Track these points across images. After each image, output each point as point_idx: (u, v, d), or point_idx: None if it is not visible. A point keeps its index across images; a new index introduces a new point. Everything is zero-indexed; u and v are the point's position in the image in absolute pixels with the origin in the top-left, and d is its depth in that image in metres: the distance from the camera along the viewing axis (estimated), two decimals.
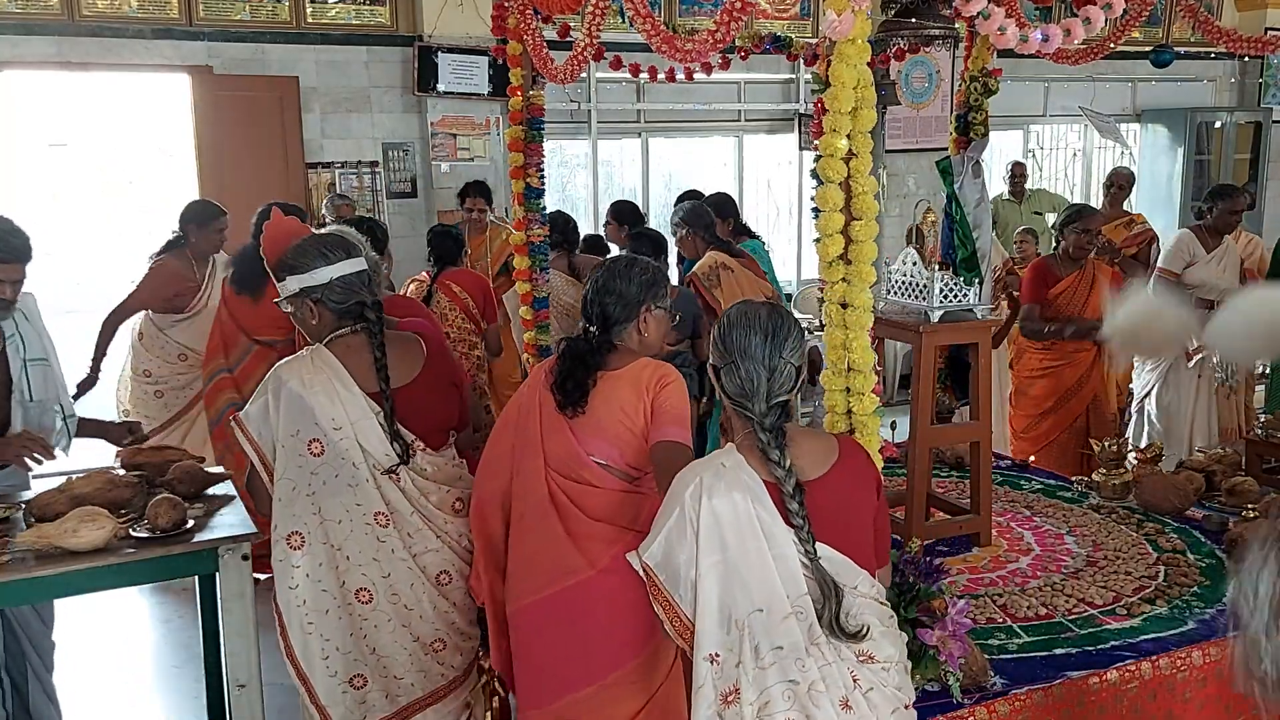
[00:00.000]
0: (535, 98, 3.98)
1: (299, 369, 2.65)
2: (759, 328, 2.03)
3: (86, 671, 4.21)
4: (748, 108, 8.35)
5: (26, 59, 6.28)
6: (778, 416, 2.01)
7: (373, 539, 2.66)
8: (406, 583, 2.70)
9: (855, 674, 1.95)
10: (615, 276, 2.55)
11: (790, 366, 2.04)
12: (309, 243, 2.75)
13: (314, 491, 2.62)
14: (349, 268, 2.71)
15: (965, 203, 3.61)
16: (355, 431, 2.62)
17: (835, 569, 1.96)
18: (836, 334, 2.27)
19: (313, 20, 6.88)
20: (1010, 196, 8.16)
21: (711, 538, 1.94)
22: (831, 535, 1.99)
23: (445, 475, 2.77)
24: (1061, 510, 3.60)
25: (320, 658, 2.68)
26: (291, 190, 6.81)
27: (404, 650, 2.72)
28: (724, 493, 1.95)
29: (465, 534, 2.75)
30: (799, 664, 1.91)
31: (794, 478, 1.96)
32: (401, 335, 2.82)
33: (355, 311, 2.71)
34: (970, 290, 3.13)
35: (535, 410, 2.57)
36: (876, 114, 2.23)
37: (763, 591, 1.93)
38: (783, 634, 1.92)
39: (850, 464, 2.10)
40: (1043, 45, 2.42)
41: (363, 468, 2.63)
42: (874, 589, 2.04)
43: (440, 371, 2.82)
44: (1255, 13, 9.56)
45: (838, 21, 2.08)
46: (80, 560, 2.73)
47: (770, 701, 1.91)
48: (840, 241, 2.23)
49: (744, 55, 3.45)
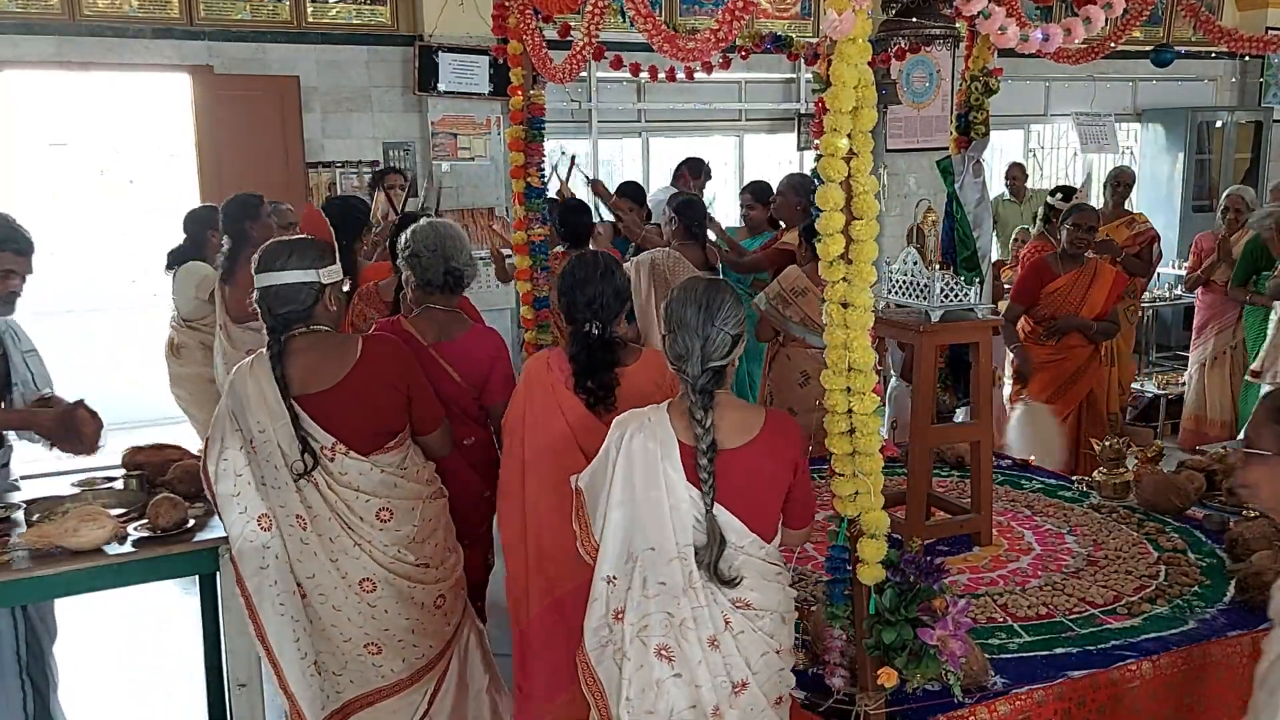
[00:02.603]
0: (536, 97, 3.97)
1: (242, 371, 2.78)
2: (695, 300, 2.24)
3: (87, 671, 4.22)
4: (748, 107, 8.35)
5: (27, 59, 6.28)
6: (709, 380, 2.21)
7: (296, 540, 2.73)
8: (330, 585, 2.75)
9: (728, 617, 2.22)
10: (599, 276, 2.76)
11: (725, 335, 2.23)
12: (267, 247, 2.80)
13: (263, 484, 2.72)
14: (281, 279, 2.72)
15: (966, 202, 3.62)
16: (275, 433, 2.69)
17: (725, 528, 2.21)
18: (837, 334, 2.26)
19: (313, 20, 6.88)
20: (1010, 197, 8.16)
21: (624, 478, 2.24)
22: (736, 500, 2.21)
23: (370, 484, 2.76)
24: (1062, 510, 3.60)
25: (291, 639, 2.72)
26: (291, 190, 6.81)
27: (338, 649, 2.79)
28: (641, 441, 2.23)
29: (391, 544, 2.77)
30: (676, 601, 2.20)
31: (710, 438, 2.18)
32: (338, 338, 2.82)
33: (285, 319, 2.73)
34: (971, 290, 3.13)
35: (558, 414, 2.68)
36: (877, 113, 2.22)
37: (656, 534, 2.21)
38: (666, 573, 2.20)
39: (770, 439, 2.28)
40: (1043, 45, 2.42)
41: (283, 470, 2.70)
42: (763, 551, 2.27)
43: (374, 377, 2.77)
44: (1256, 12, 9.56)
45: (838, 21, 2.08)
46: (80, 560, 2.73)
47: (648, 626, 2.23)
48: (841, 241, 2.23)
49: (744, 55, 3.45)
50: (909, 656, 2.25)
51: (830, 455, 2.34)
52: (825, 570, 2.50)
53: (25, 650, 3.18)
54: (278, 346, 2.71)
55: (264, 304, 2.73)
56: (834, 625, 2.40)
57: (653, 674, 2.22)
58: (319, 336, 2.76)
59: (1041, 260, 5.12)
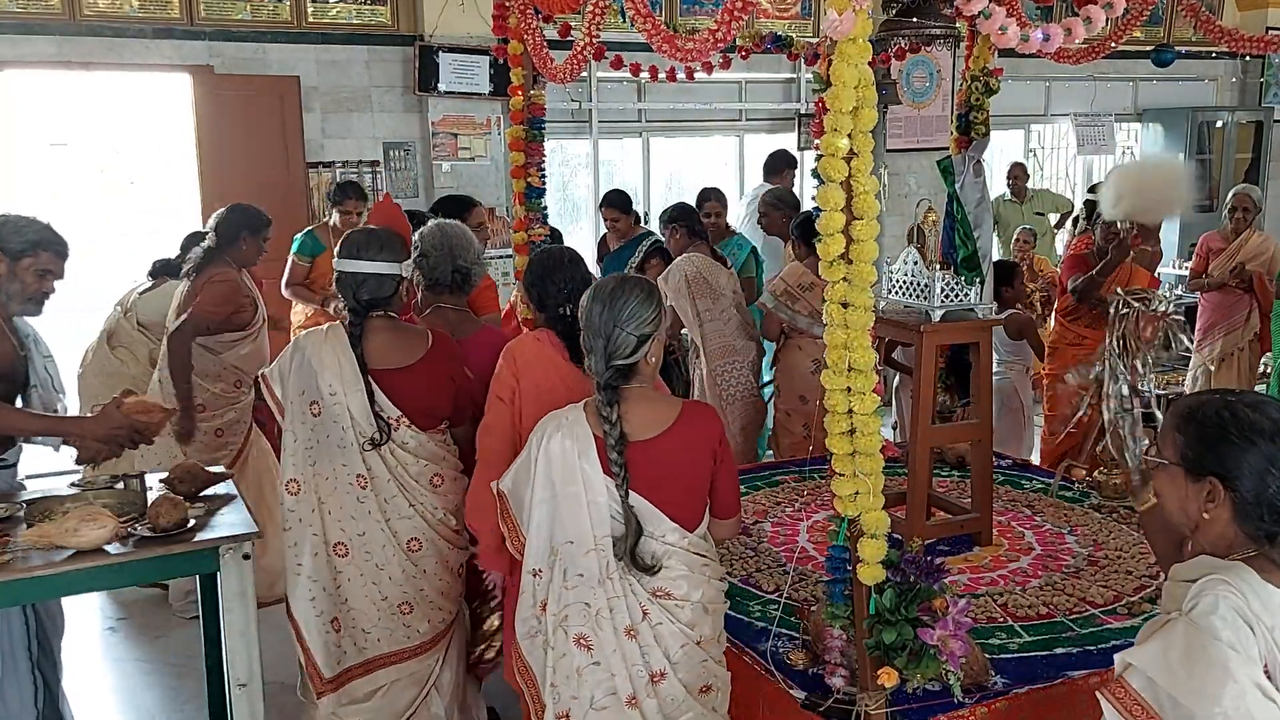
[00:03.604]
0: (536, 97, 3.98)
1: (315, 339, 2.98)
2: (601, 299, 2.34)
3: (87, 671, 4.22)
4: (748, 107, 8.34)
5: (27, 59, 6.27)
6: (613, 376, 2.31)
7: (353, 498, 2.93)
8: (379, 544, 2.95)
9: (645, 608, 2.30)
10: (566, 264, 2.97)
11: (628, 335, 2.31)
12: (356, 235, 3.03)
13: (311, 447, 2.94)
14: (370, 268, 2.95)
15: (966, 202, 3.61)
16: (347, 400, 2.90)
17: (644, 517, 2.30)
18: (837, 334, 2.26)
19: (313, 20, 6.87)
20: (1011, 197, 8.15)
21: (545, 477, 2.34)
22: (653, 489, 2.30)
23: (427, 452, 3.00)
24: (1062, 509, 3.60)
25: (307, 598, 2.96)
26: (292, 190, 6.81)
27: (373, 606, 2.96)
28: (559, 441, 2.32)
29: (440, 508, 3.00)
30: (593, 591, 2.30)
31: (618, 431, 2.27)
32: (412, 328, 3.09)
33: (369, 304, 2.97)
34: (971, 290, 3.13)
35: (561, 385, 2.77)
36: (877, 113, 2.22)
37: (575, 528, 2.31)
38: (584, 564, 2.31)
39: (685, 430, 2.35)
40: (1044, 45, 2.42)
41: (350, 433, 2.91)
42: (684, 540, 2.34)
43: (438, 367, 3.02)
44: (1256, 12, 9.55)
45: (839, 21, 2.08)
46: (80, 560, 2.73)
47: (568, 616, 2.33)
48: (841, 241, 2.23)
49: (745, 55, 3.45)
50: (909, 656, 2.25)
51: (830, 455, 2.34)
52: (825, 570, 2.50)
53: (36, 646, 3.20)
54: (360, 327, 2.94)
55: (348, 288, 2.96)
56: (834, 625, 2.40)
57: (573, 662, 2.33)
58: (394, 322, 3.03)
59: (1081, 256, 5.33)
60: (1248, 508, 1.70)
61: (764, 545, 3.37)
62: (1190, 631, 1.63)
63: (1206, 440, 1.74)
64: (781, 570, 3.17)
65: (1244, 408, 1.73)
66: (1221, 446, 1.72)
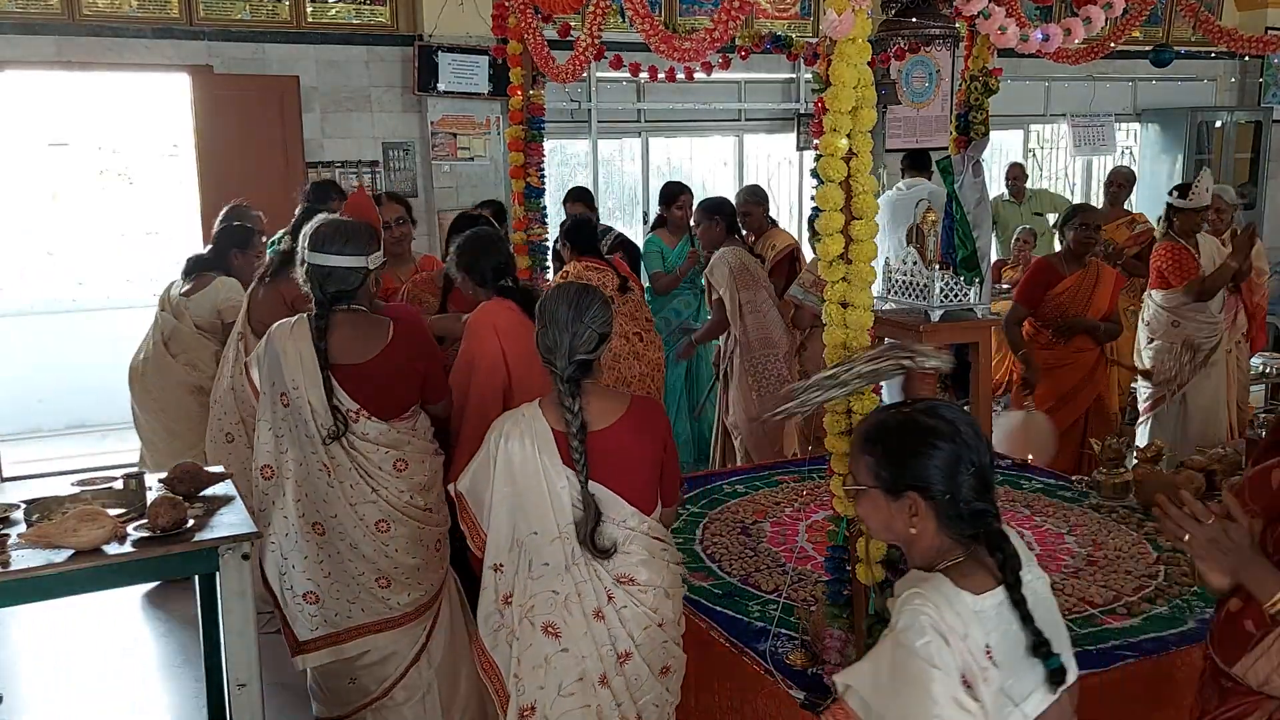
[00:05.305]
0: (535, 97, 3.98)
1: (282, 331, 3.05)
2: (567, 299, 2.44)
3: (87, 671, 4.22)
4: (748, 107, 8.34)
5: (27, 58, 6.27)
6: (575, 370, 2.40)
7: (323, 483, 3.05)
8: (350, 524, 3.06)
9: (611, 593, 2.40)
10: (495, 241, 3.35)
11: (592, 332, 2.42)
12: (323, 228, 3.06)
13: (282, 435, 3.06)
14: (335, 261, 3.01)
15: (965, 202, 3.61)
16: (308, 394, 2.99)
17: (603, 503, 2.39)
18: (836, 334, 2.27)
19: (313, 20, 6.87)
20: (1010, 197, 8.15)
21: (504, 474, 2.42)
22: (610, 475, 2.40)
23: (389, 440, 3.08)
24: (1062, 510, 3.61)
25: (279, 573, 3.11)
26: (291, 190, 6.80)
27: (352, 580, 3.09)
28: (518, 438, 2.41)
29: (406, 490, 3.09)
30: (559, 578, 2.39)
31: (579, 421, 2.37)
32: (371, 319, 3.11)
33: (335, 297, 3.02)
34: (970, 290, 3.13)
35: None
36: (877, 113, 2.23)
37: (539, 519, 2.39)
38: (549, 553, 2.39)
39: (635, 418, 2.47)
40: (1043, 45, 2.42)
41: (311, 424, 3.01)
42: (644, 525, 2.44)
43: (399, 358, 3.09)
44: (1255, 12, 9.55)
45: (838, 21, 2.08)
46: (80, 560, 2.73)
47: (535, 606, 2.40)
48: (840, 241, 2.23)
49: (744, 54, 3.45)
50: None
51: (830, 455, 2.34)
52: (825, 570, 2.51)
53: None
54: (325, 321, 3.00)
55: (314, 281, 3.01)
56: (834, 625, 2.40)
57: (541, 651, 2.40)
58: (358, 315, 3.07)
59: (1045, 262, 5.09)
60: (948, 512, 1.73)
61: (763, 545, 3.37)
62: (896, 650, 1.68)
63: (894, 457, 1.77)
64: (780, 570, 3.17)
65: (920, 415, 1.78)
66: (911, 460, 1.75)
